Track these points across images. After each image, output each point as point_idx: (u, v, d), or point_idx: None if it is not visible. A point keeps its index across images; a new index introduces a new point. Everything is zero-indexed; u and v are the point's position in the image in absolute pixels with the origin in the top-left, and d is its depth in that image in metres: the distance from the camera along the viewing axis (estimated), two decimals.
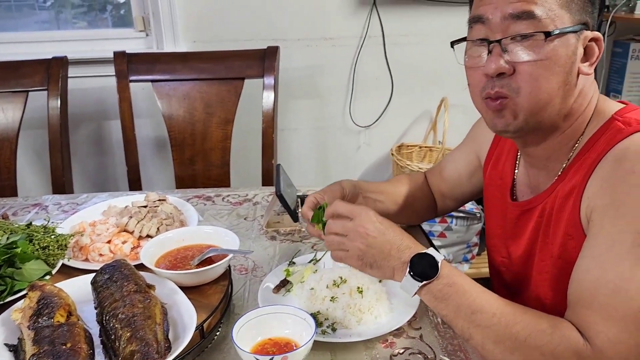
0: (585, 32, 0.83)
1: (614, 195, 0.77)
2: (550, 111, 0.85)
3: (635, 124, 0.81)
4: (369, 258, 0.89)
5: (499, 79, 0.84)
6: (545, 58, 0.81)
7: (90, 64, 2.16)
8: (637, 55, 2.25)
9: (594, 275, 0.77)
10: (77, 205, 1.50)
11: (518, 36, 0.81)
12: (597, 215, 0.79)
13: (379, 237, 0.88)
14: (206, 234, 1.13)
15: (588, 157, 0.85)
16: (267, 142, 1.94)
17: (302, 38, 2.26)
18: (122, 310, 0.85)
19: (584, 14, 0.82)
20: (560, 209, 0.88)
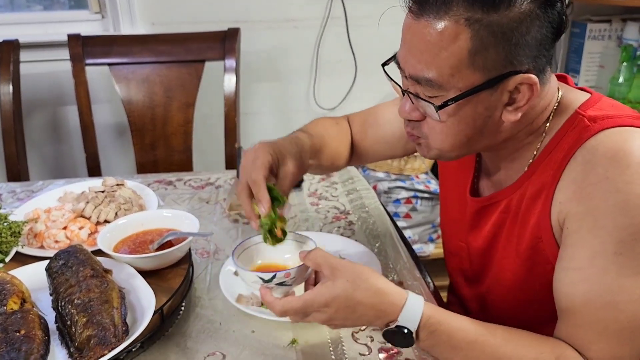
0: (511, 78, 0.75)
1: (589, 204, 0.74)
2: (469, 148, 0.84)
3: (600, 120, 0.78)
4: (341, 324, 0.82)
5: (411, 122, 0.85)
6: (446, 120, 0.79)
7: (44, 47, 2.08)
8: (594, 36, 2.29)
9: (581, 289, 0.75)
10: (33, 192, 1.46)
11: (415, 95, 0.80)
12: (574, 224, 0.77)
13: (348, 318, 0.79)
14: (165, 218, 1.11)
15: (555, 155, 0.81)
16: (230, 126, 1.92)
17: (264, 20, 2.23)
18: (78, 295, 0.83)
19: (507, 64, 0.74)
20: (527, 209, 0.85)
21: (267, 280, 0.83)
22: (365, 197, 1.42)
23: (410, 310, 0.76)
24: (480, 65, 0.73)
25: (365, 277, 0.77)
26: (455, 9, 0.72)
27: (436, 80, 0.75)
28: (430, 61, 0.75)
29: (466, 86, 0.75)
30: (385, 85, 2.42)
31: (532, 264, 0.87)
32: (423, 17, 0.74)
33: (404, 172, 2.25)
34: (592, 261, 0.74)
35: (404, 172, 2.25)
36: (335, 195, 1.44)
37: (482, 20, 0.71)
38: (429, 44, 0.74)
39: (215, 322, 0.95)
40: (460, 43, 0.72)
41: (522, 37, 0.72)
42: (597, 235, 0.74)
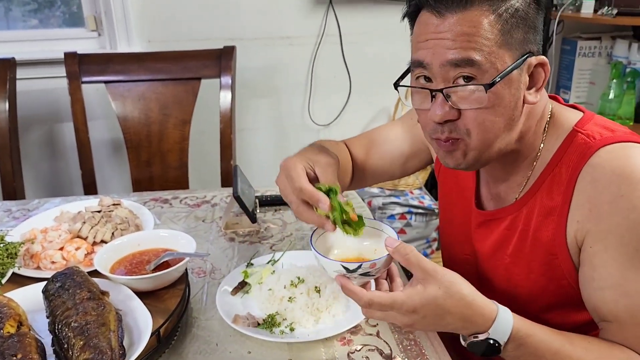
0: (530, 59, 0.81)
1: (610, 222, 0.78)
2: (500, 144, 0.85)
3: (600, 137, 0.82)
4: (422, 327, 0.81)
5: (447, 124, 0.83)
6: (490, 105, 0.80)
7: (41, 65, 2.10)
8: (584, 53, 2.33)
9: (623, 304, 0.80)
10: (29, 211, 1.46)
11: (459, 85, 0.80)
12: (598, 243, 0.80)
13: (434, 324, 0.79)
14: (162, 238, 1.12)
15: (559, 174, 0.85)
16: (226, 143, 1.93)
17: (260, 37, 2.25)
18: (75, 318, 0.83)
19: (526, 44, 0.80)
20: (538, 227, 0.88)
21: (351, 271, 0.79)
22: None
23: (502, 323, 0.77)
24: (510, 46, 0.79)
25: (458, 287, 0.76)
26: (476, 1, 0.78)
27: (478, 61, 0.78)
28: (469, 46, 0.78)
29: (502, 66, 0.79)
30: (379, 101, 2.45)
31: (547, 280, 0.90)
32: (449, 12, 0.79)
33: (398, 187, 2.26)
34: (627, 276, 0.78)
35: (398, 187, 2.26)
36: None
37: (501, 7, 0.78)
38: (464, 31, 0.78)
39: (211, 343, 0.96)
40: (490, 27, 0.78)
41: (532, 20, 0.80)
42: (624, 253, 0.78)
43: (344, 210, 0.83)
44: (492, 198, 1.00)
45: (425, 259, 0.78)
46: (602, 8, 2.13)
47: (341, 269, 0.79)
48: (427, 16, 0.82)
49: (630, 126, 2.20)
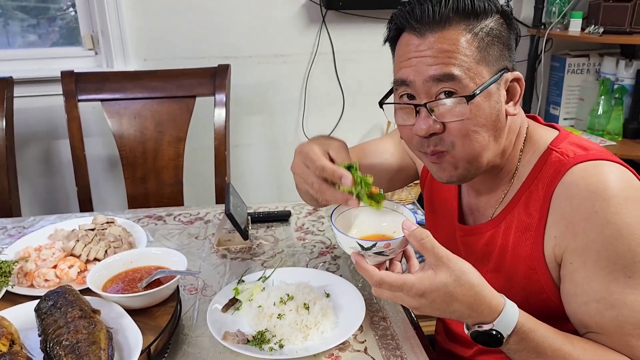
0: (506, 75, 0.87)
1: (587, 238, 0.81)
2: (488, 154, 0.88)
3: (573, 155, 0.86)
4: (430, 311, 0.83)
5: (432, 138, 0.87)
6: (472, 116, 0.84)
7: (38, 83, 2.13)
8: (573, 70, 2.37)
9: (609, 316, 0.82)
10: (24, 228, 1.48)
11: (441, 99, 0.84)
12: (577, 259, 0.83)
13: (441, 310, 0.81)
14: (154, 256, 1.14)
15: (535, 191, 0.89)
16: (220, 159, 1.96)
17: (254, 55, 2.29)
18: (66, 336, 0.85)
19: (501, 61, 0.87)
20: (517, 242, 0.91)
21: (366, 248, 0.81)
22: None
23: (507, 317, 0.79)
24: (487, 62, 0.85)
25: (469, 277, 0.78)
26: (454, 22, 0.84)
27: (459, 76, 0.83)
28: (448, 62, 0.83)
29: (481, 81, 0.84)
30: (372, 117, 2.48)
31: (527, 294, 0.92)
32: (428, 33, 0.85)
33: None
34: (609, 290, 0.81)
35: None
36: (322, 230, 1.47)
37: (476, 27, 0.85)
38: (442, 51, 0.84)
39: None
40: (469, 44, 0.84)
41: (505, 39, 0.87)
42: (603, 267, 0.81)
43: (367, 183, 0.86)
44: (472, 212, 1.03)
45: (440, 245, 0.79)
46: (589, 26, 2.17)
47: (357, 246, 0.82)
48: (408, 37, 0.87)
49: (619, 141, 2.23)
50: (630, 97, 2.25)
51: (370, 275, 0.81)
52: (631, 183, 0.83)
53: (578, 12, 2.24)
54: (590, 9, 2.25)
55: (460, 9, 0.84)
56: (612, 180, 0.81)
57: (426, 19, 0.84)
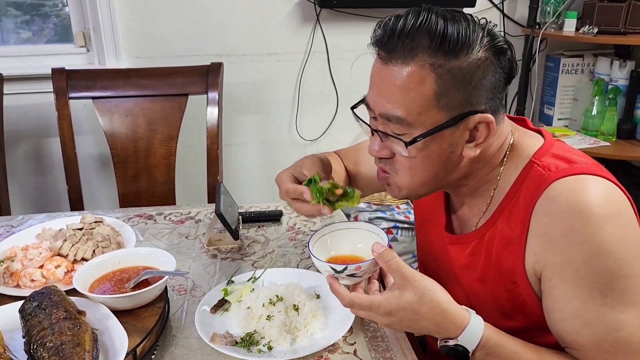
0: (471, 118, 0.82)
1: (565, 256, 0.80)
2: (432, 186, 0.90)
3: (555, 169, 0.83)
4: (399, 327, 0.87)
5: (382, 159, 0.91)
6: (415, 156, 0.85)
7: (29, 80, 2.11)
8: (567, 70, 2.37)
9: (586, 334, 0.81)
10: (12, 227, 1.46)
11: (387, 134, 0.86)
12: (556, 276, 0.82)
13: (409, 327, 0.85)
14: (142, 256, 1.13)
15: (516, 205, 0.87)
16: (212, 158, 1.94)
17: (247, 53, 2.27)
18: (50, 338, 0.84)
19: (466, 104, 0.81)
20: (499, 256, 0.90)
21: (339, 272, 0.87)
22: None
23: (471, 332, 0.81)
24: (444, 105, 0.81)
25: (433, 295, 0.81)
26: (421, 55, 0.79)
27: (405, 119, 0.82)
28: (399, 101, 0.81)
29: (432, 124, 0.82)
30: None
31: (512, 306, 0.92)
32: (391, 62, 0.82)
33: (385, 202, 2.28)
34: (586, 307, 0.80)
35: (385, 202, 2.28)
36: (313, 230, 1.46)
37: (445, 65, 0.79)
38: (398, 86, 0.81)
39: None
40: (427, 85, 0.80)
41: (480, 80, 0.81)
42: (581, 285, 0.80)
43: (329, 189, 0.95)
44: (459, 221, 1.02)
45: (406, 266, 0.83)
46: (584, 27, 2.17)
47: (330, 270, 0.88)
48: (377, 58, 0.85)
49: (613, 142, 2.23)
50: (624, 97, 2.25)
51: (342, 297, 0.87)
52: (613, 199, 0.81)
53: (573, 12, 2.23)
54: (585, 9, 2.25)
55: (431, 45, 0.78)
56: (593, 196, 0.79)
57: (392, 48, 0.81)
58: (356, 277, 0.88)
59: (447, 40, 0.78)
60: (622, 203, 0.82)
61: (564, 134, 2.32)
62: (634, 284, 0.79)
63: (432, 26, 0.78)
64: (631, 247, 0.79)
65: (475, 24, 0.81)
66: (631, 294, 0.79)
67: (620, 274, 0.78)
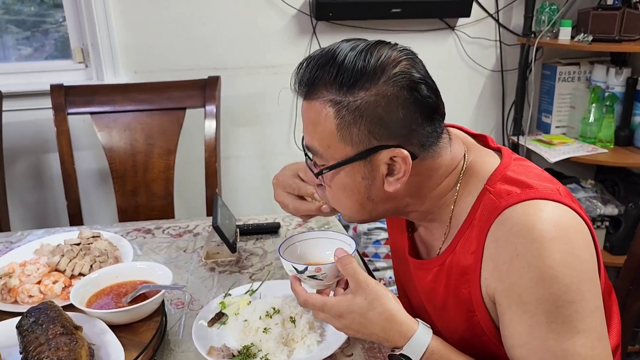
0: (378, 153, 0.82)
1: (508, 281, 0.79)
2: (371, 213, 0.91)
3: (506, 196, 0.81)
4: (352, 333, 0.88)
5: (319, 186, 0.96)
6: (331, 186, 0.89)
7: (28, 97, 2.12)
8: (564, 78, 2.37)
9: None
10: (11, 243, 1.47)
11: (307, 161, 0.91)
12: (503, 301, 0.81)
13: (360, 332, 0.86)
14: (140, 270, 1.13)
15: (472, 234, 0.86)
16: (210, 171, 1.95)
17: (244, 66, 2.29)
18: (47, 354, 0.84)
19: (370, 139, 0.81)
20: (457, 285, 0.89)
21: (300, 272, 0.90)
22: None
23: (416, 342, 0.82)
24: (348, 140, 0.83)
25: (382, 301, 0.83)
26: (321, 93, 0.82)
27: (318, 151, 0.86)
28: (312, 134, 0.86)
29: (340, 157, 0.84)
30: None
31: (471, 335, 0.91)
32: (305, 99, 0.86)
33: None
34: (531, 334, 0.78)
35: None
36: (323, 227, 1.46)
37: (342, 102, 0.81)
38: (310, 120, 0.86)
39: None
40: (329, 120, 0.83)
41: (383, 116, 0.80)
42: (525, 311, 0.78)
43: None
44: (424, 244, 1.01)
45: (362, 272, 0.86)
46: (579, 35, 2.18)
47: (293, 269, 0.91)
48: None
49: (611, 149, 2.23)
50: (621, 104, 2.25)
51: (298, 296, 0.91)
52: (563, 224, 0.78)
53: (567, 21, 2.24)
54: (580, 18, 2.26)
55: (328, 83, 0.81)
56: (541, 220, 0.77)
57: (299, 84, 0.85)
58: (317, 279, 0.91)
59: (340, 79, 0.80)
60: (572, 228, 0.79)
61: (562, 141, 2.32)
62: (581, 310, 0.76)
63: (329, 66, 0.81)
64: (578, 273, 0.76)
65: (378, 60, 0.80)
66: (578, 320, 0.76)
67: (565, 299, 0.76)
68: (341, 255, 0.87)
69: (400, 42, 0.86)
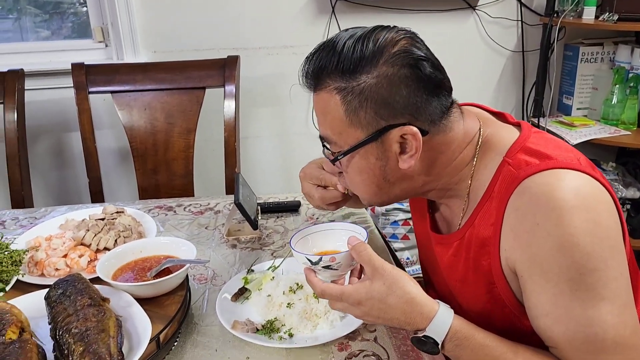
0: (388, 133, 0.83)
1: (530, 251, 0.79)
2: (389, 194, 0.93)
3: (525, 167, 0.81)
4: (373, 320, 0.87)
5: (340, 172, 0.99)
6: (349, 171, 0.92)
7: (49, 75, 2.14)
8: (586, 59, 2.33)
9: (557, 331, 0.79)
10: (36, 219, 1.49)
11: (324, 149, 0.93)
12: (524, 272, 0.81)
13: (380, 318, 0.85)
14: (164, 245, 1.14)
15: (491, 206, 0.86)
16: (230, 150, 1.96)
17: (263, 46, 2.28)
18: (75, 324, 0.85)
19: (378, 120, 0.83)
20: (477, 257, 0.89)
21: (314, 263, 0.88)
22: (360, 221, 1.44)
23: (439, 323, 0.81)
24: (357, 124, 0.84)
25: (401, 284, 0.82)
26: (326, 82, 0.85)
27: (331, 138, 0.89)
28: (324, 124, 0.89)
29: (353, 142, 0.86)
30: None
31: (492, 307, 0.91)
32: (313, 91, 0.89)
33: None
34: (555, 303, 0.78)
35: None
36: (332, 220, 1.46)
37: (347, 88, 0.83)
38: (320, 110, 0.88)
39: (211, 349, 0.97)
40: (337, 108, 0.85)
41: (387, 96, 0.82)
42: (548, 280, 0.78)
43: None
44: (444, 220, 1.01)
45: (378, 257, 0.85)
46: (604, 14, 2.13)
47: (306, 261, 0.89)
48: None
49: (634, 131, 2.20)
50: None
51: (314, 287, 0.89)
52: (584, 192, 0.77)
53: (592, 0, 2.20)
54: None
55: (332, 72, 0.83)
56: (560, 189, 0.77)
57: (306, 77, 0.88)
58: (332, 269, 0.88)
59: (342, 66, 0.82)
60: (593, 196, 0.78)
61: (584, 123, 2.29)
62: (604, 278, 0.75)
63: (330, 56, 0.83)
64: (600, 240, 0.76)
65: (377, 43, 0.82)
66: (602, 287, 0.75)
67: (588, 267, 0.75)
68: (355, 243, 0.87)
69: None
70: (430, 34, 1.17)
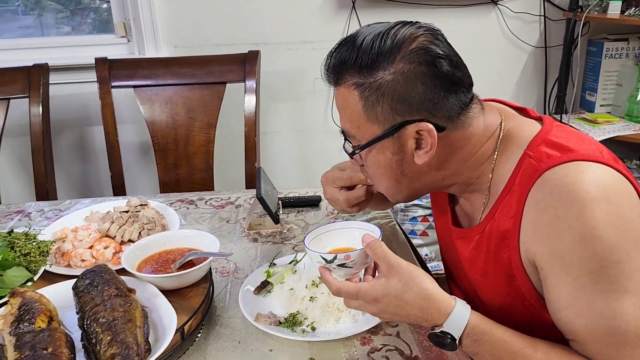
0: (405, 128, 0.84)
1: (550, 244, 0.78)
2: (413, 187, 0.93)
3: (546, 159, 0.81)
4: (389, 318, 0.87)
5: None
6: (368, 165, 0.93)
7: (72, 70, 2.17)
8: (611, 54, 2.29)
9: (579, 324, 0.78)
10: (60, 211, 1.51)
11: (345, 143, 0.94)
12: (545, 265, 0.80)
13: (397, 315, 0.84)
14: (187, 238, 1.15)
15: (512, 199, 0.85)
16: (250, 145, 1.96)
17: (283, 42, 2.28)
18: (103, 314, 0.87)
19: (394, 116, 0.84)
20: (497, 251, 0.89)
21: (329, 261, 0.88)
22: (381, 217, 1.44)
23: (456, 318, 0.80)
24: (374, 119, 0.86)
25: (418, 280, 0.81)
26: (346, 77, 0.86)
27: (350, 132, 0.90)
28: (344, 118, 0.90)
29: (370, 136, 0.87)
30: None
31: (512, 300, 0.90)
32: (334, 86, 0.90)
33: None
34: (577, 297, 0.77)
35: None
36: (353, 215, 1.46)
37: (364, 84, 0.84)
38: (340, 105, 0.90)
39: (234, 341, 0.98)
40: (355, 102, 0.86)
41: (403, 92, 0.83)
42: (569, 273, 0.77)
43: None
44: (465, 214, 1.01)
45: (393, 254, 0.84)
46: (630, 9, 2.10)
47: (321, 260, 0.89)
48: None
49: None
50: None
51: (330, 286, 0.88)
52: (606, 184, 0.77)
53: None
54: None
55: (350, 68, 0.84)
56: (581, 182, 0.76)
57: (327, 72, 0.89)
58: (347, 267, 0.88)
59: (360, 62, 0.83)
60: (615, 188, 0.77)
61: (607, 120, 2.25)
62: (627, 270, 0.74)
63: (350, 51, 0.84)
64: (623, 232, 0.74)
65: (395, 39, 0.82)
66: (625, 280, 0.74)
67: (610, 259, 0.74)
68: (369, 240, 0.86)
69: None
70: (452, 29, 1.16)
